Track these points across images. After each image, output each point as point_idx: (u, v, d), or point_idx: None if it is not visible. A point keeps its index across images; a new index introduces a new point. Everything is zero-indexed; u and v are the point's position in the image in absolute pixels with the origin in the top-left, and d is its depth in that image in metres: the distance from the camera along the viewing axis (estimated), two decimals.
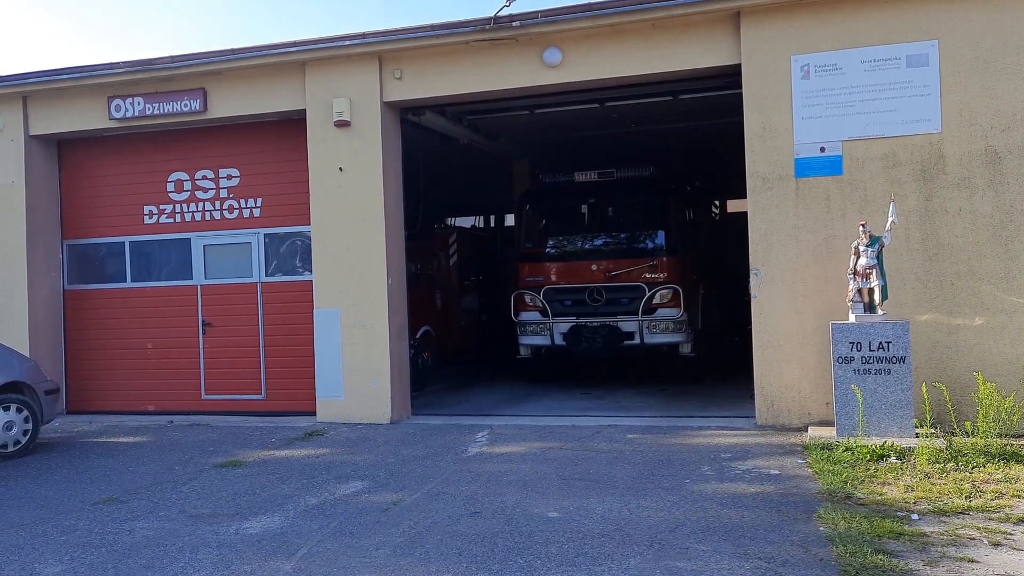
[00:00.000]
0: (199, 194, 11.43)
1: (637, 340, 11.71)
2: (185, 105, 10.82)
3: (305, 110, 10.39)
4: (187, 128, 11.31)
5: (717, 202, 17.57)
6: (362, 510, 6.50)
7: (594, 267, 12.12)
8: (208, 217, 11.38)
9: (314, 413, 10.48)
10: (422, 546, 5.61)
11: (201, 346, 11.38)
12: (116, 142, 11.73)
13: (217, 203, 11.35)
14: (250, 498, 7.01)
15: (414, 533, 5.88)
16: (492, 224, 21.83)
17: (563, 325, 11.98)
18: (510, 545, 5.54)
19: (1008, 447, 7.26)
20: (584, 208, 12.98)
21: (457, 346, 15.33)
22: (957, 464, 6.98)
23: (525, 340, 12.38)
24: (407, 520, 6.18)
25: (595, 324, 11.82)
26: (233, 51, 10.41)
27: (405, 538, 5.78)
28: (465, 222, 21.21)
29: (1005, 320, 8.25)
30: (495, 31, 9.46)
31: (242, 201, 11.25)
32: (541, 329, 12.15)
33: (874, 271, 8.00)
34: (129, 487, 7.56)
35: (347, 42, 9.94)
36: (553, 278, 12.31)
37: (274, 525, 6.22)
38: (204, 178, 11.40)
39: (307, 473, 7.79)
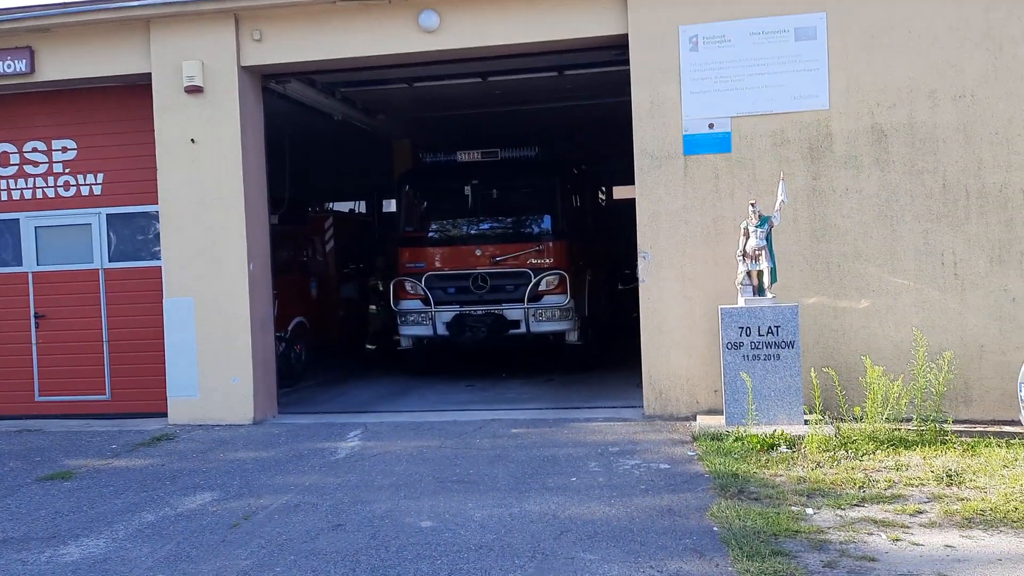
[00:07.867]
0: (28, 168, 10.06)
1: (523, 329, 11.23)
2: (8, 66, 9.47)
3: (151, 74, 9.27)
4: (12, 92, 9.91)
5: (604, 188, 17.37)
6: (205, 528, 5.68)
7: (478, 252, 11.54)
8: (40, 195, 10.03)
9: (166, 414, 9.43)
10: (272, 569, 4.87)
11: (34, 341, 10.07)
12: None
13: (50, 179, 10.02)
14: (74, 517, 6.05)
15: (264, 554, 5.13)
16: (373, 208, 20.97)
17: (446, 314, 11.34)
18: (375, 563, 4.89)
19: (896, 432, 7.10)
20: (467, 190, 12.31)
21: (335, 338, 14.47)
22: (847, 451, 6.83)
23: (406, 330, 11.68)
24: (258, 538, 5.42)
25: (479, 312, 11.26)
26: (65, 4, 9.17)
27: (252, 560, 5.03)
28: (345, 206, 20.28)
29: (890, 302, 8.12)
30: None
31: (80, 177, 9.97)
32: (423, 318, 11.48)
33: (763, 252, 7.71)
34: None
35: None
36: (435, 264, 11.66)
37: (97, 550, 5.35)
38: (34, 150, 10.03)
39: (148, 485, 6.86)
